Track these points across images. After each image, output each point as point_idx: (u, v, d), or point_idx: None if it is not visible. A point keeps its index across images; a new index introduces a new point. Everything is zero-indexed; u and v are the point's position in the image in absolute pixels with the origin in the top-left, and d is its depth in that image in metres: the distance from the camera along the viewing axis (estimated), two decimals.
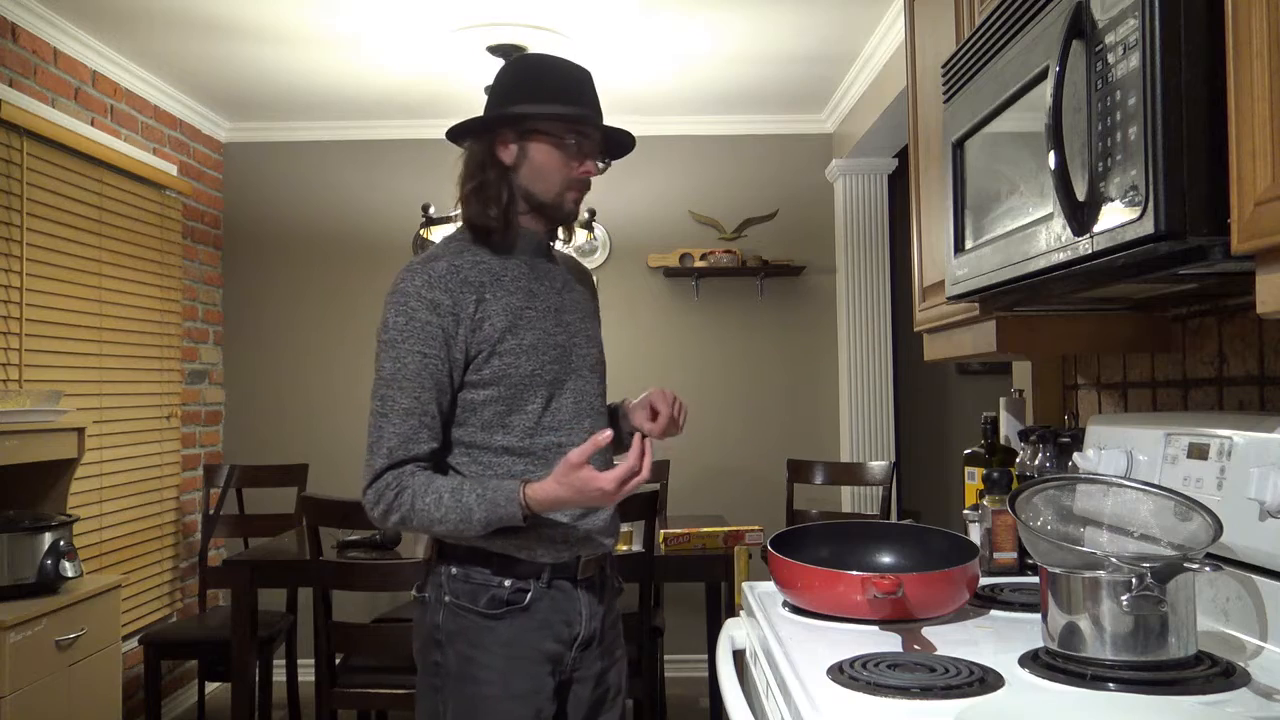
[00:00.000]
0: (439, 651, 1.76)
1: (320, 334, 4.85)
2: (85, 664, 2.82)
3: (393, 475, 1.70)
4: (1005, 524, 1.92)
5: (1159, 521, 1.36)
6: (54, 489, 3.07)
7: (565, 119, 1.77)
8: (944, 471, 4.94)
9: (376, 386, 1.73)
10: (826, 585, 1.61)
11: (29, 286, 3.38)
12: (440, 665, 1.76)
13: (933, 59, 2.02)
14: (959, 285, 1.67)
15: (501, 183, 1.79)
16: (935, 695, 1.20)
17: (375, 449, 1.71)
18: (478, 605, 1.74)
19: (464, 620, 1.74)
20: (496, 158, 1.79)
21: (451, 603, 1.75)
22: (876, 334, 4.74)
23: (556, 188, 1.80)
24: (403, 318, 1.72)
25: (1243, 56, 1.01)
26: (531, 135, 1.77)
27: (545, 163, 1.78)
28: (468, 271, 1.77)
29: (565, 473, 1.63)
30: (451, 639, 1.75)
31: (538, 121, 1.77)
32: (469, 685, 1.73)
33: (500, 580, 1.74)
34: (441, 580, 1.77)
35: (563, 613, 1.78)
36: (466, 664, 1.73)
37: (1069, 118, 1.21)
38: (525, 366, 1.75)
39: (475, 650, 1.73)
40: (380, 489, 1.70)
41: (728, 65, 4.10)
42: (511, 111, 1.77)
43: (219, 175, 4.86)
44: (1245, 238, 1.01)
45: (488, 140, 1.80)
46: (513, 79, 1.82)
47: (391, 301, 1.75)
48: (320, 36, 3.71)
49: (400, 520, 1.70)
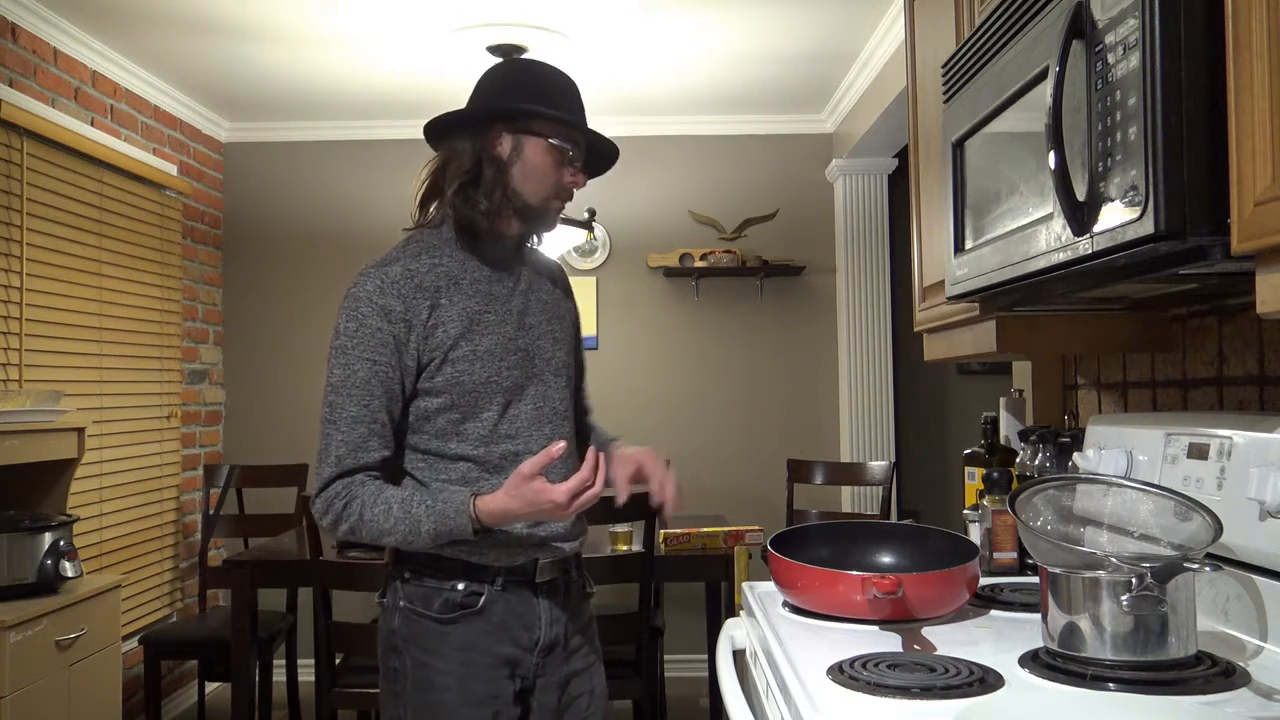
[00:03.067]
0: (396, 657, 1.74)
1: (320, 334, 4.84)
2: (85, 664, 2.82)
3: (342, 484, 1.67)
4: (1005, 524, 1.92)
5: (1159, 521, 1.36)
6: (54, 489, 3.07)
7: (564, 123, 1.74)
8: (944, 471, 4.94)
9: (326, 393, 1.69)
10: (826, 585, 1.61)
11: (29, 286, 3.38)
12: (398, 671, 1.73)
13: (933, 59, 2.02)
14: (959, 285, 1.67)
15: (497, 179, 1.72)
16: (935, 695, 1.20)
17: (324, 457, 1.68)
18: (431, 610, 1.71)
19: (418, 625, 1.72)
20: (493, 154, 1.73)
21: (406, 607, 1.73)
22: (876, 334, 4.74)
23: (545, 192, 1.76)
24: (354, 323, 1.68)
25: (1243, 56, 1.01)
26: (527, 135, 1.73)
27: (539, 164, 1.73)
28: (423, 276, 1.71)
29: (516, 484, 1.60)
30: (407, 644, 1.72)
31: (534, 122, 1.72)
32: (426, 691, 1.71)
33: (453, 584, 1.71)
34: (397, 585, 1.75)
35: (520, 617, 1.75)
36: (422, 669, 1.71)
37: (1069, 118, 1.21)
38: (479, 373, 1.70)
39: (430, 656, 1.71)
40: (329, 498, 1.67)
41: (728, 65, 4.10)
42: (508, 106, 1.72)
43: (219, 175, 4.86)
44: (1245, 238, 1.01)
45: (482, 136, 1.73)
46: (505, 79, 1.78)
47: (344, 307, 1.71)
48: (320, 36, 3.71)
49: (349, 530, 1.67)
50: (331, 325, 1.74)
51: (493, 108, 1.74)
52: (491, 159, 1.73)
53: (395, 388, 1.69)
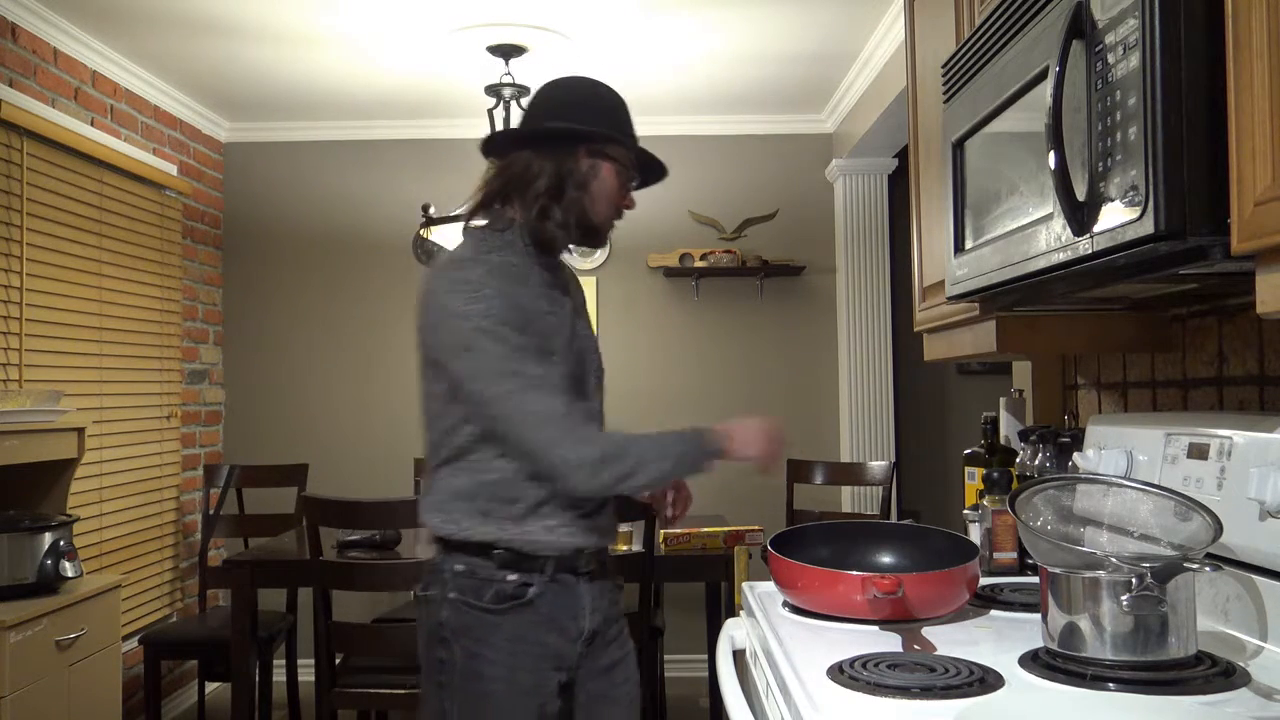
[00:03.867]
0: (444, 649, 1.76)
1: (320, 334, 4.85)
2: (85, 664, 2.82)
3: (605, 436, 1.73)
4: (1005, 524, 1.92)
5: (1159, 521, 1.36)
6: (54, 489, 3.07)
7: (639, 155, 1.87)
8: (944, 471, 4.94)
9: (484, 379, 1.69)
10: (826, 585, 1.61)
11: (29, 286, 3.38)
12: (445, 663, 1.76)
13: (933, 59, 2.02)
14: (959, 285, 1.67)
15: (577, 197, 1.82)
16: (935, 695, 1.20)
17: (548, 415, 1.68)
18: (482, 600, 1.74)
19: (469, 616, 1.74)
20: (577, 171, 1.81)
21: (456, 599, 1.75)
22: (876, 334, 4.74)
23: (607, 212, 1.87)
24: (482, 304, 1.70)
25: (1243, 56, 1.01)
26: (601, 158, 1.83)
27: (609, 187, 1.84)
28: (510, 269, 1.78)
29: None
30: (456, 635, 1.75)
31: (609, 146, 1.83)
32: (475, 682, 1.74)
33: (504, 574, 1.75)
34: (446, 576, 1.77)
35: (566, 607, 1.79)
36: (472, 660, 1.74)
37: (1069, 118, 1.21)
38: (563, 367, 1.78)
39: (480, 646, 1.74)
40: (601, 444, 1.70)
41: (728, 65, 4.10)
42: (605, 132, 1.82)
43: (219, 175, 4.86)
44: (1245, 238, 1.01)
45: (565, 155, 1.81)
46: (580, 99, 1.86)
47: (456, 291, 1.72)
48: (320, 36, 3.71)
49: (617, 451, 1.69)
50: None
51: (579, 129, 1.81)
52: (574, 178, 1.81)
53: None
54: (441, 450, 1.80)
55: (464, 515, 1.76)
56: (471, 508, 1.76)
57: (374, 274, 4.86)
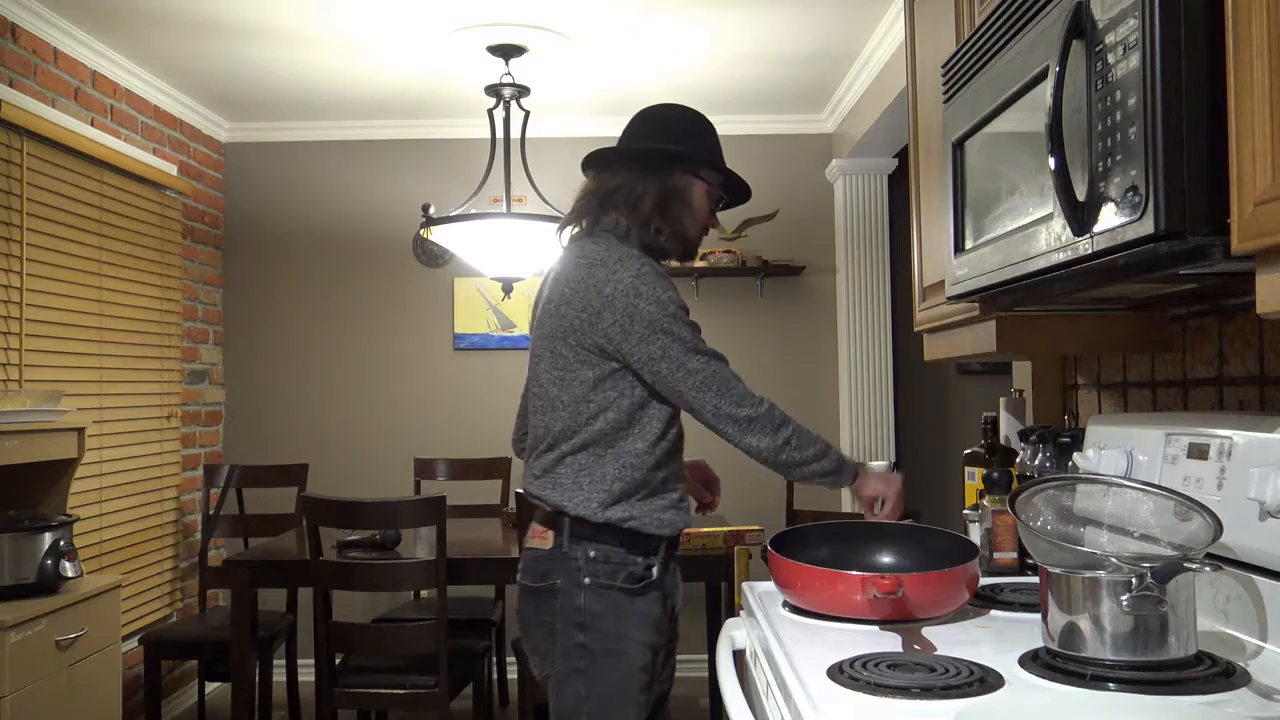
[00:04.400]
0: (583, 633, 1.88)
1: (320, 334, 4.85)
2: (85, 664, 2.82)
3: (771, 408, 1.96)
4: (1005, 524, 1.92)
5: (1159, 521, 1.36)
6: (54, 489, 3.07)
7: (729, 180, 2.08)
8: (944, 471, 4.94)
9: (688, 344, 1.91)
10: (826, 585, 1.61)
11: (29, 286, 3.38)
12: (585, 647, 1.87)
13: (933, 59, 2.02)
14: (959, 285, 1.67)
15: (680, 214, 2.02)
16: (935, 695, 1.20)
17: (741, 398, 1.95)
18: (619, 582, 1.89)
19: (609, 599, 1.89)
20: (679, 191, 2.01)
21: (594, 584, 1.88)
22: (876, 334, 4.74)
23: (698, 230, 2.06)
24: (670, 291, 1.92)
25: (1242, 56, 1.01)
26: (696, 178, 2.03)
27: (699, 206, 2.05)
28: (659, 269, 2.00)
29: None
30: (597, 618, 1.88)
31: (701, 167, 2.03)
32: (617, 659, 1.88)
33: (634, 557, 1.91)
34: (578, 564, 1.89)
35: (674, 586, 2.01)
36: (615, 639, 1.88)
37: (1069, 118, 1.21)
38: None
39: (622, 625, 1.89)
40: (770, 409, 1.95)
41: (728, 65, 4.10)
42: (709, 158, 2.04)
43: (219, 175, 4.86)
44: (1245, 238, 1.01)
45: (665, 175, 2.00)
46: (673, 123, 2.06)
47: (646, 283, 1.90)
48: (320, 36, 3.71)
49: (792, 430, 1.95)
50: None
51: (679, 150, 2.02)
52: (676, 196, 2.01)
53: None
54: (577, 435, 1.92)
55: (600, 497, 1.90)
56: (607, 491, 1.90)
57: (374, 274, 4.86)
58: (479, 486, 4.47)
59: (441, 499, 3.02)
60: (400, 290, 4.85)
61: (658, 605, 1.94)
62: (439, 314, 4.85)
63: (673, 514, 1.96)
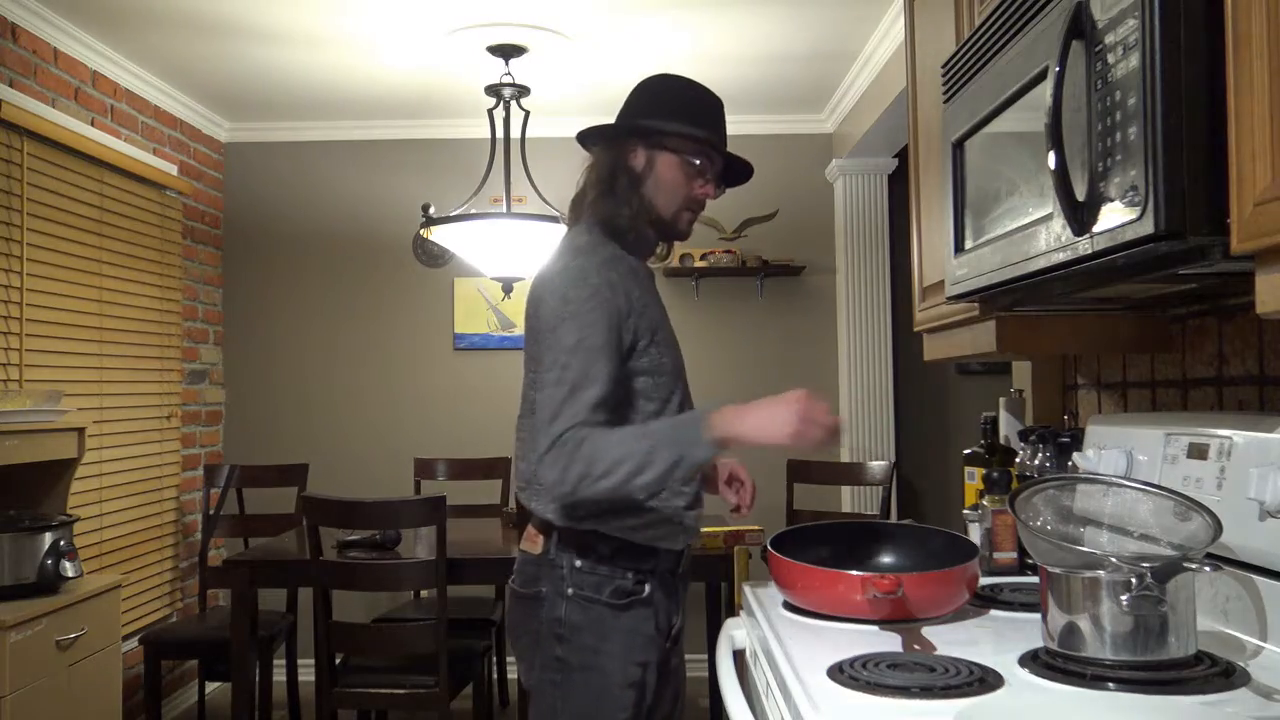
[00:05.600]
0: (561, 645, 1.78)
1: (320, 334, 4.85)
2: (85, 664, 2.82)
3: (573, 431, 1.66)
4: (1005, 524, 1.92)
5: (1159, 521, 1.36)
6: (54, 489, 3.07)
7: (692, 139, 1.85)
8: (944, 471, 4.94)
9: (557, 356, 1.71)
10: (826, 585, 1.61)
11: (29, 286, 3.38)
12: (563, 660, 1.78)
13: (933, 59, 2.02)
14: (959, 285, 1.67)
15: (631, 189, 1.84)
16: (935, 695, 1.20)
17: (557, 417, 1.67)
18: (603, 596, 1.77)
19: (591, 612, 1.77)
20: (627, 165, 1.85)
21: (576, 595, 1.77)
22: (876, 334, 4.74)
23: (675, 204, 1.87)
24: (586, 290, 1.72)
25: (1242, 56, 1.01)
26: (660, 150, 1.85)
27: (669, 178, 1.85)
28: (620, 262, 1.81)
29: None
30: (576, 631, 1.77)
31: (666, 138, 1.84)
32: (595, 675, 1.77)
33: (623, 571, 1.78)
34: (563, 573, 1.78)
35: (668, 606, 1.85)
36: (593, 655, 1.77)
37: (1069, 118, 1.21)
38: (672, 359, 1.84)
39: (602, 641, 1.77)
40: (560, 446, 1.66)
41: (728, 65, 4.10)
42: (642, 124, 1.85)
43: (219, 175, 4.86)
44: (1245, 238, 1.01)
45: (618, 149, 1.86)
46: (648, 95, 1.90)
47: (568, 278, 1.74)
48: (320, 36, 3.71)
49: (581, 474, 1.64)
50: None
51: (622, 125, 1.87)
52: (629, 170, 1.85)
53: (620, 358, 1.75)
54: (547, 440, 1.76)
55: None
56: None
57: (374, 274, 4.86)
58: (479, 486, 4.47)
59: (441, 499, 3.02)
60: (400, 290, 4.85)
61: (648, 622, 1.80)
62: (439, 314, 4.85)
63: (666, 528, 1.81)
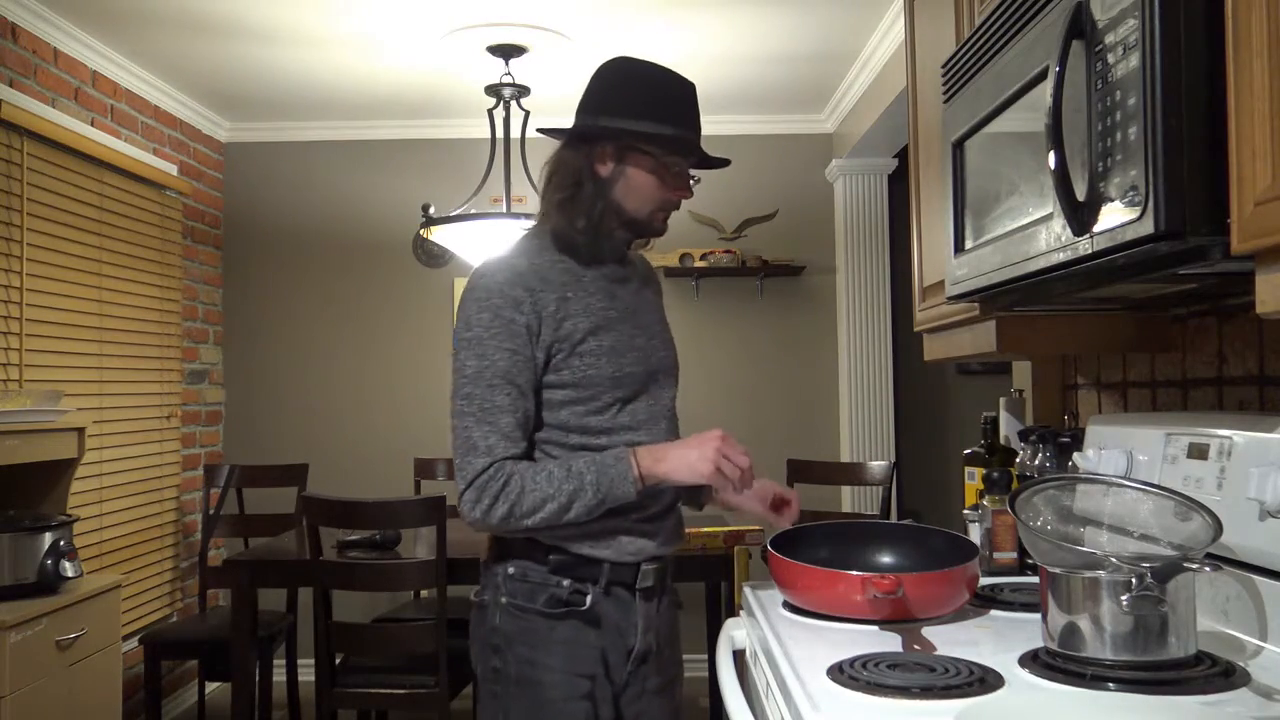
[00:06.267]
0: (497, 656, 1.70)
1: (320, 334, 4.85)
2: (85, 664, 2.82)
3: (494, 468, 1.63)
4: (1005, 524, 1.92)
5: (1159, 521, 1.36)
6: (54, 489, 3.07)
7: (667, 141, 1.73)
8: (944, 471, 4.94)
9: (460, 385, 1.66)
10: (826, 585, 1.60)
11: (29, 286, 3.38)
12: (499, 671, 1.70)
13: (933, 59, 2.02)
14: (959, 285, 1.67)
15: (596, 197, 1.73)
16: (935, 695, 1.20)
17: (470, 449, 1.63)
18: (536, 604, 1.69)
19: (523, 621, 1.69)
20: (594, 171, 1.74)
21: (509, 604, 1.70)
22: (876, 334, 4.74)
23: (649, 207, 1.76)
24: (487, 314, 1.66)
25: (1242, 56, 1.00)
26: (630, 153, 1.73)
27: (642, 183, 1.74)
28: (548, 270, 1.72)
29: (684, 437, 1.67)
30: (509, 642, 1.69)
31: (638, 140, 1.72)
32: (530, 689, 1.68)
33: (558, 580, 1.69)
34: (498, 581, 1.71)
35: (621, 623, 1.73)
36: (528, 667, 1.68)
37: (1069, 118, 1.21)
38: (605, 368, 1.71)
39: (536, 652, 1.68)
40: (482, 484, 1.62)
41: (728, 65, 4.10)
42: (613, 127, 1.72)
43: (219, 175, 4.86)
44: (1245, 237, 1.01)
45: (585, 151, 1.74)
46: (616, 88, 1.77)
47: (472, 299, 1.69)
48: (320, 36, 3.71)
49: (508, 510, 1.62)
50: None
51: (592, 129, 1.73)
52: (595, 176, 1.73)
53: (531, 378, 1.68)
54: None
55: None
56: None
57: (374, 274, 4.86)
58: None
59: (441, 499, 3.02)
60: (400, 290, 4.85)
61: (587, 634, 1.69)
62: (439, 314, 4.85)
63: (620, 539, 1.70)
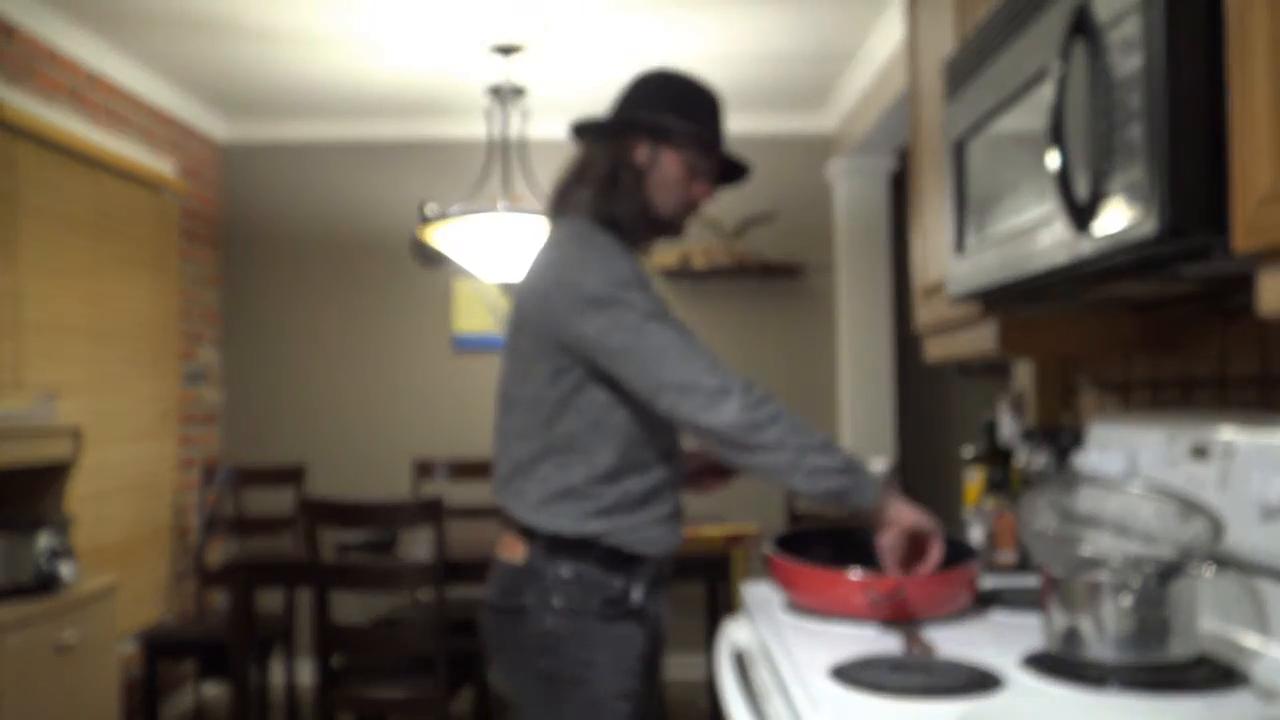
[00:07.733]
0: (547, 658, 1.71)
1: (318, 334, 4.85)
2: (82, 665, 2.81)
3: (760, 387, 1.65)
4: (1006, 524, 1.91)
5: (1160, 523, 1.35)
6: (51, 490, 3.07)
7: (702, 139, 1.81)
8: (944, 471, 4.93)
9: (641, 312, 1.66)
10: (827, 586, 1.60)
11: (26, 287, 3.37)
12: (549, 673, 1.71)
13: (933, 58, 2.02)
14: (960, 286, 1.67)
15: (635, 185, 1.80)
16: (936, 696, 1.19)
17: (713, 366, 1.64)
18: (591, 607, 1.71)
19: (578, 624, 1.70)
20: (630, 160, 1.80)
21: (563, 607, 1.70)
22: (876, 334, 4.74)
23: (674, 203, 1.83)
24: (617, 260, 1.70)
25: (1244, 55, 1.00)
26: (664, 146, 1.80)
27: (672, 175, 1.81)
28: (630, 253, 1.79)
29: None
30: (563, 643, 1.70)
31: (674, 135, 1.80)
32: (584, 689, 1.70)
33: (610, 580, 1.71)
34: (547, 584, 1.71)
35: (655, 612, 1.80)
36: (583, 668, 1.70)
37: (1070, 117, 1.20)
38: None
39: (591, 653, 1.70)
40: (747, 383, 1.64)
41: (727, 64, 4.09)
42: (648, 117, 1.80)
43: (217, 176, 4.86)
44: (1247, 237, 1.01)
45: (620, 142, 1.81)
46: (655, 90, 1.85)
47: (591, 253, 1.71)
48: (320, 36, 3.71)
49: (772, 415, 1.61)
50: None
51: (631, 118, 1.81)
52: (631, 165, 1.80)
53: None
54: (538, 439, 1.73)
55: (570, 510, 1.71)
56: (576, 504, 1.70)
57: (372, 274, 4.86)
58: (479, 487, 4.46)
59: (438, 500, 3.02)
60: (399, 290, 4.85)
61: (638, 633, 1.75)
62: (438, 314, 4.85)
63: (661, 530, 1.75)
